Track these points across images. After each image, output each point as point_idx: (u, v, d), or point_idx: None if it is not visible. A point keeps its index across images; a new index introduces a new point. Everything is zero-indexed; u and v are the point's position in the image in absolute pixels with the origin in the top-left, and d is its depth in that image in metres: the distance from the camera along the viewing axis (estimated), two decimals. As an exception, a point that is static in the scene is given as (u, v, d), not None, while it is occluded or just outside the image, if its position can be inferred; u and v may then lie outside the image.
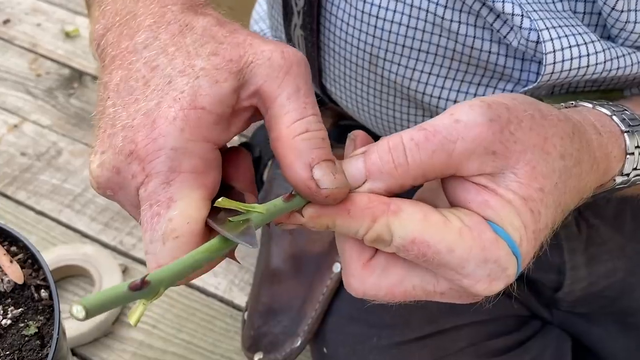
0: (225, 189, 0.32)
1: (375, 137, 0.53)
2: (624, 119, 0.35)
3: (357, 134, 0.32)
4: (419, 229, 0.28)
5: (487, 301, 0.31)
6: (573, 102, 0.38)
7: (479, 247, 0.28)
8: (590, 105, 0.37)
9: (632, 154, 0.35)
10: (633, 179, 0.36)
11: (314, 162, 0.29)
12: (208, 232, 0.29)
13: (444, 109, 0.44)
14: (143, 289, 0.25)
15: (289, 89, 0.30)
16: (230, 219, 0.28)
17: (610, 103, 0.37)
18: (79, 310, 0.22)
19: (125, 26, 0.32)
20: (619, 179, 0.36)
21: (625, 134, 0.35)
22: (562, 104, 0.38)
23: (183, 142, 0.28)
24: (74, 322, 0.79)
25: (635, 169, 0.36)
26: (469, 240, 0.28)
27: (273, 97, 0.30)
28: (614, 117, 0.35)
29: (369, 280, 0.30)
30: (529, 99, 0.31)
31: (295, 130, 0.29)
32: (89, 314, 0.23)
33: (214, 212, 0.29)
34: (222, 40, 0.30)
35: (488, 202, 0.29)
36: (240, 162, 0.34)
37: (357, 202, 0.29)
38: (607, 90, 0.43)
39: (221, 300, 0.91)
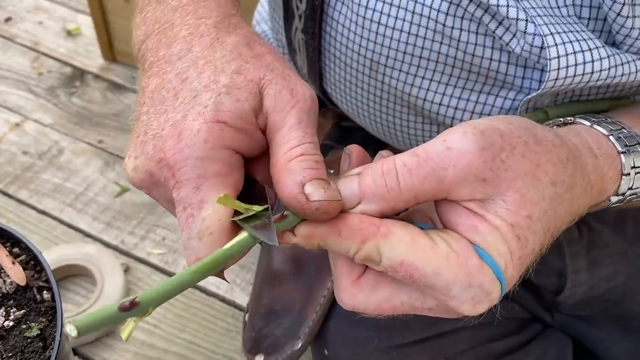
0: (249, 182, 0.34)
1: (376, 141, 0.53)
2: (620, 138, 0.36)
3: (353, 150, 0.34)
4: (407, 252, 0.29)
5: (473, 318, 0.32)
6: (571, 119, 0.38)
7: (464, 272, 0.29)
8: (588, 124, 0.37)
9: (628, 174, 0.35)
10: (629, 197, 0.37)
11: (305, 180, 0.30)
12: (235, 228, 0.32)
13: (444, 116, 0.44)
14: (132, 310, 0.27)
15: (292, 120, 0.32)
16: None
17: (609, 120, 0.37)
18: (71, 330, 0.26)
19: (163, 34, 0.35)
20: (614, 199, 0.36)
21: (621, 154, 0.35)
22: (560, 119, 0.38)
23: (206, 152, 0.31)
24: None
25: (630, 188, 0.36)
26: (454, 266, 0.29)
27: (277, 128, 0.32)
28: (611, 137, 0.36)
29: (359, 296, 0.32)
30: (525, 122, 0.32)
31: (291, 155, 0.31)
32: (81, 333, 0.26)
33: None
34: (248, 60, 0.33)
35: (476, 227, 0.30)
36: (261, 155, 0.35)
37: (348, 223, 0.30)
38: (613, 97, 0.42)
39: (222, 300, 0.91)
